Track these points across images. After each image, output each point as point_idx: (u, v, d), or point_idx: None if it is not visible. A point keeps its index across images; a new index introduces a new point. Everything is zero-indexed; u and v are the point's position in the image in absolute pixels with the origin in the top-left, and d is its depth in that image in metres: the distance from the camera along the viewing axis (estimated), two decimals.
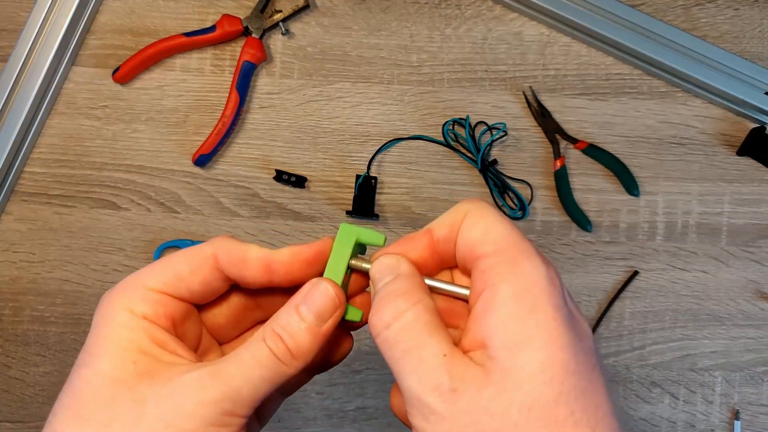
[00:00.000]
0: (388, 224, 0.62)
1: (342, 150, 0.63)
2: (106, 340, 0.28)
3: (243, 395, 0.27)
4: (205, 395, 0.26)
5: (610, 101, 0.63)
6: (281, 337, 0.28)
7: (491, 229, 0.27)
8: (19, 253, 0.62)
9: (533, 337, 0.24)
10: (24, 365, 0.61)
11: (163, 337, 0.28)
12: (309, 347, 0.28)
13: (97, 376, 0.27)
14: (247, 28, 0.62)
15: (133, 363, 0.27)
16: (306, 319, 0.28)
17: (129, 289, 0.29)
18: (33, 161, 0.63)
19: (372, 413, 0.61)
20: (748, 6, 0.64)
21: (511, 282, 0.26)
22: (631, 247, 0.62)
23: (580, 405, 0.24)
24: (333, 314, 0.29)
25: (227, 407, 0.26)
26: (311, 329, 0.28)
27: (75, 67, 0.63)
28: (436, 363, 0.25)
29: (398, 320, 0.27)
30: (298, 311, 0.29)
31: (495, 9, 0.64)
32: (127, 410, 0.26)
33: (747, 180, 0.62)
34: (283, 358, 0.28)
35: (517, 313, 0.25)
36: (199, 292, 0.30)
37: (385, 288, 0.28)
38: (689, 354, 0.61)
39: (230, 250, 0.30)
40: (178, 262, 0.30)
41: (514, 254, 0.26)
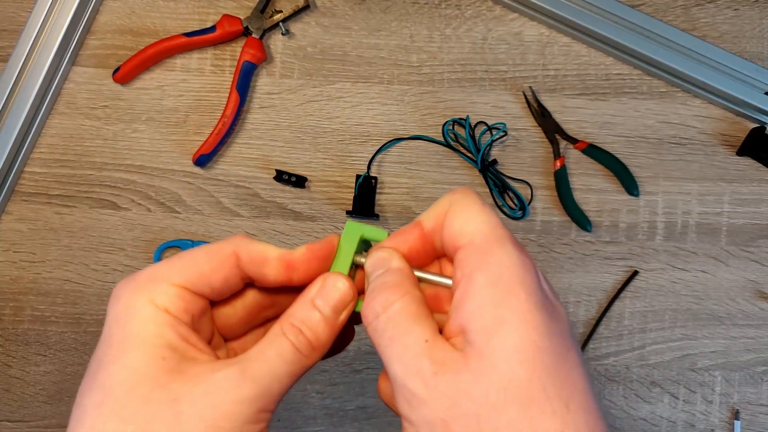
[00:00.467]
0: (388, 224, 0.62)
1: (342, 150, 0.63)
2: (134, 335, 0.28)
3: (273, 392, 0.28)
4: (240, 394, 0.27)
5: (610, 101, 0.63)
6: (301, 331, 0.29)
7: (469, 220, 0.29)
8: (20, 253, 0.62)
9: (507, 320, 0.26)
10: (24, 365, 0.61)
11: (186, 333, 0.29)
12: (327, 338, 0.30)
13: (129, 373, 0.27)
14: (247, 28, 0.62)
15: (162, 359, 0.27)
16: (324, 312, 0.30)
17: (151, 283, 0.29)
18: (33, 161, 0.63)
19: (372, 412, 0.61)
20: (748, 6, 0.64)
21: (484, 270, 0.27)
22: (630, 247, 0.62)
23: (552, 382, 0.25)
24: (347, 306, 0.30)
25: (261, 405, 0.27)
26: (328, 321, 0.30)
27: (75, 67, 0.63)
28: (419, 349, 0.26)
29: (386, 311, 0.28)
30: (314, 305, 0.30)
31: (495, 9, 0.64)
32: (164, 409, 0.26)
33: (747, 180, 0.62)
34: (305, 351, 0.29)
35: (491, 298, 0.26)
36: (219, 290, 0.31)
37: (376, 280, 0.29)
38: (689, 354, 0.61)
39: (251, 249, 0.31)
40: (201, 260, 0.30)
41: (488, 244, 0.28)
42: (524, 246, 0.29)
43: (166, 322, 0.28)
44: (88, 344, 0.62)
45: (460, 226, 0.29)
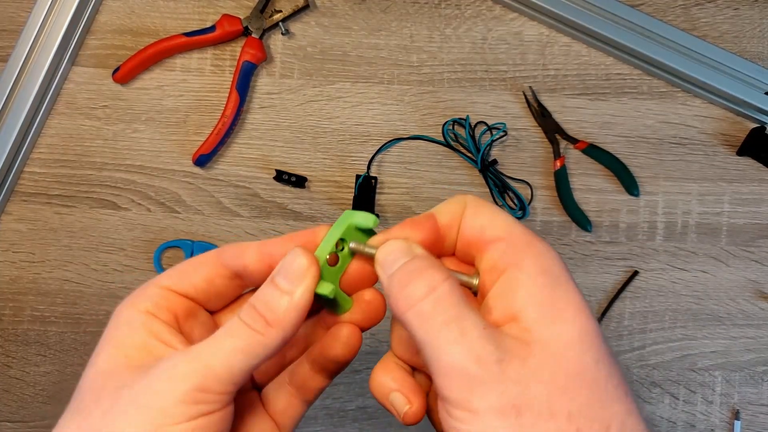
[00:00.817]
0: (388, 224, 0.62)
1: (342, 150, 0.63)
2: (105, 339, 0.29)
3: (216, 370, 0.26)
4: (174, 372, 0.26)
5: (610, 101, 0.63)
6: (254, 306, 0.28)
7: (497, 218, 0.29)
8: (20, 253, 0.62)
9: (564, 309, 0.26)
10: (24, 365, 0.61)
11: (160, 329, 0.29)
12: (284, 313, 0.28)
13: (94, 372, 0.28)
14: (247, 28, 0.62)
15: (125, 357, 0.28)
16: (279, 285, 0.28)
17: (140, 290, 0.30)
18: (33, 161, 0.63)
19: (373, 413, 0.61)
20: (748, 6, 0.64)
21: (533, 260, 0.27)
22: (630, 247, 0.62)
23: (614, 369, 0.26)
24: (305, 280, 0.28)
25: (198, 382, 0.26)
26: (283, 293, 0.28)
27: (75, 67, 0.63)
28: (479, 334, 0.25)
29: (434, 292, 0.26)
30: (272, 281, 0.28)
31: (495, 9, 0.64)
32: (107, 397, 0.27)
33: (747, 180, 0.62)
34: (257, 327, 0.27)
35: (545, 287, 0.26)
36: (203, 291, 0.31)
37: (406, 266, 0.27)
38: (689, 354, 0.61)
39: (231, 245, 0.31)
40: (186, 263, 0.31)
41: (527, 238, 0.28)
42: None
43: (139, 323, 0.29)
44: (88, 344, 0.62)
45: (488, 221, 0.29)
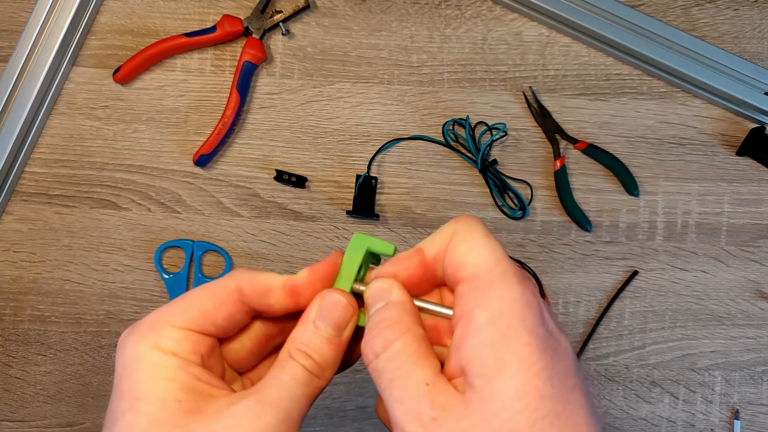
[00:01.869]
0: (388, 224, 0.62)
1: (342, 150, 0.63)
2: (143, 383, 0.27)
3: (293, 416, 0.28)
4: (261, 423, 0.27)
5: (610, 101, 0.63)
6: (308, 354, 0.29)
7: (472, 251, 0.28)
8: (20, 253, 0.62)
9: (507, 364, 0.25)
10: (25, 364, 0.61)
11: (198, 372, 0.28)
12: (334, 358, 0.30)
13: (146, 420, 0.27)
14: (247, 28, 0.63)
15: (178, 401, 0.27)
16: (325, 333, 0.29)
17: (154, 329, 0.29)
18: (34, 161, 0.63)
19: (372, 412, 0.61)
20: (747, 6, 0.64)
21: (485, 307, 0.26)
22: (630, 247, 0.62)
23: (556, 430, 0.24)
24: (348, 323, 0.30)
25: (282, 429, 0.27)
26: (332, 340, 0.30)
27: (76, 67, 0.63)
28: (419, 392, 0.26)
29: (386, 350, 0.27)
30: (316, 326, 0.30)
31: (495, 9, 0.64)
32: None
33: (747, 180, 0.63)
34: (316, 372, 0.29)
35: (491, 339, 0.25)
36: (224, 327, 0.30)
37: (376, 315, 0.29)
38: (689, 354, 0.61)
39: (253, 282, 0.30)
40: (201, 299, 0.30)
41: (490, 279, 0.27)
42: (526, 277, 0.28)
43: (175, 365, 0.28)
44: (89, 344, 0.62)
45: (461, 257, 0.28)
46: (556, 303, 0.61)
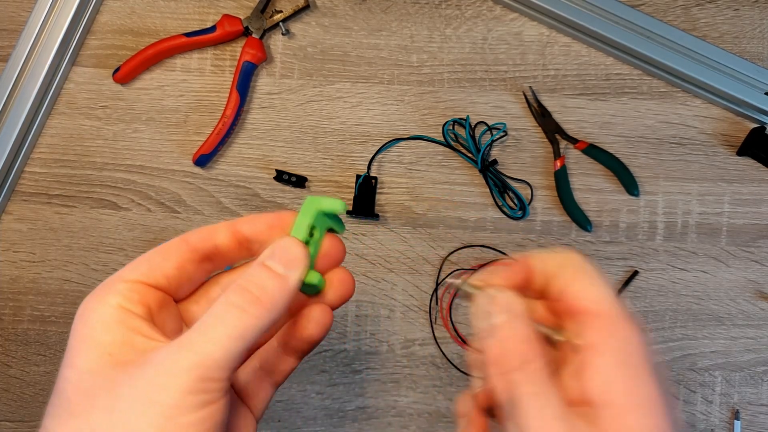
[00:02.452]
0: (388, 224, 0.62)
1: (342, 150, 0.63)
2: (82, 338, 0.28)
3: (216, 357, 0.26)
4: (176, 365, 0.26)
5: (610, 101, 0.63)
6: (246, 288, 0.28)
7: (593, 288, 0.30)
8: (20, 253, 0.62)
9: (640, 403, 0.27)
10: (24, 364, 0.61)
11: (138, 325, 0.28)
12: (277, 295, 0.28)
13: (77, 373, 0.28)
14: (247, 28, 0.62)
15: (109, 354, 0.27)
16: (273, 268, 0.29)
17: (106, 285, 0.30)
18: (33, 161, 0.63)
19: (372, 413, 0.61)
20: (748, 6, 0.64)
21: (616, 347, 0.28)
22: (631, 247, 0.62)
23: None
24: (299, 267, 0.29)
25: (201, 373, 0.26)
26: (277, 276, 0.28)
27: (75, 67, 0.63)
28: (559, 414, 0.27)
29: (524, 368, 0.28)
30: (264, 264, 0.29)
31: (495, 9, 0.64)
32: (105, 396, 0.27)
33: (747, 180, 0.62)
34: (251, 309, 0.27)
35: (623, 377, 0.27)
36: (176, 278, 0.31)
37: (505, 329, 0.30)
38: (689, 354, 0.61)
39: (196, 229, 0.31)
40: (152, 253, 0.30)
41: (617, 317, 0.29)
42: None
43: (115, 320, 0.28)
44: None
45: (583, 291, 0.30)
46: None
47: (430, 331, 0.61)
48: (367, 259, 0.62)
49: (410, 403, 0.61)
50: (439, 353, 0.61)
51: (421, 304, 0.62)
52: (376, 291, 0.62)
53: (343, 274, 0.33)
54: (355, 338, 0.62)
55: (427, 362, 0.61)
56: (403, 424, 0.61)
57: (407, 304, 0.62)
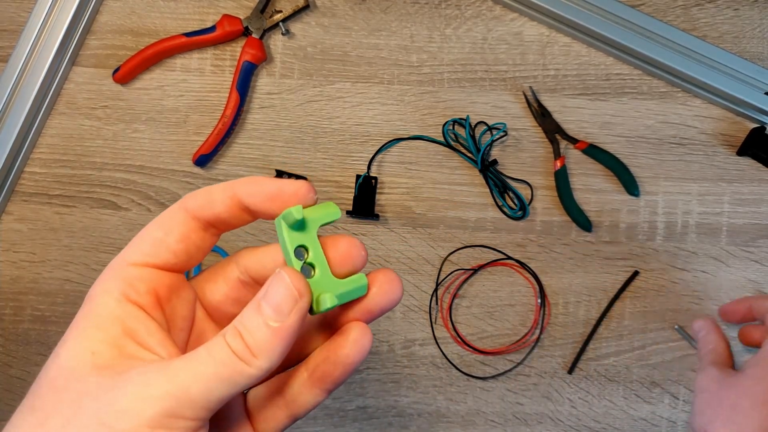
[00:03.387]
0: (388, 224, 0.62)
1: (342, 150, 0.63)
2: (74, 329, 0.27)
3: (191, 394, 0.24)
4: (146, 391, 0.24)
5: (610, 101, 0.63)
6: (240, 333, 0.25)
7: None
8: (20, 253, 0.62)
9: None
10: (25, 364, 0.61)
11: (136, 327, 0.26)
12: (270, 344, 0.25)
13: (56, 367, 0.26)
14: (247, 28, 0.62)
15: (92, 353, 0.25)
16: (264, 314, 0.25)
17: (110, 270, 0.28)
18: (33, 161, 0.63)
19: (372, 413, 0.61)
20: (747, 6, 0.64)
21: None
22: (631, 247, 0.62)
23: None
24: (293, 307, 0.26)
25: (169, 406, 0.24)
26: (269, 325, 0.25)
27: (75, 67, 0.63)
28: None
29: None
30: (259, 307, 0.26)
31: (495, 9, 0.64)
32: (70, 402, 0.24)
33: (747, 180, 0.62)
34: (242, 356, 0.25)
35: None
36: (183, 252, 0.28)
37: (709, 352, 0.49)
38: (689, 354, 0.61)
39: (196, 196, 0.29)
40: (151, 229, 0.28)
41: None
42: None
43: (114, 316, 0.26)
44: None
45: None
46: (556, 303, 0.61)
47: (430, 331, 0.61)
48: None
49: (410, 403, 0.61)
50: (439, 353, 0.61)
51: (421, 304, 0.62)
52: None
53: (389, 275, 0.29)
54: None
55: (427, 362, 0.61)
56: (403, 424, 0.61)
57: (407, 304, 0.62)
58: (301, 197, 0.28)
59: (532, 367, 0.61)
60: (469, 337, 0.61)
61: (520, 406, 0.61)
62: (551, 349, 0.61)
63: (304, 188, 0.28)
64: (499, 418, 0.61)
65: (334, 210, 0.28)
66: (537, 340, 0.61)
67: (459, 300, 0.61)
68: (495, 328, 0.61)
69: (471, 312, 0.62)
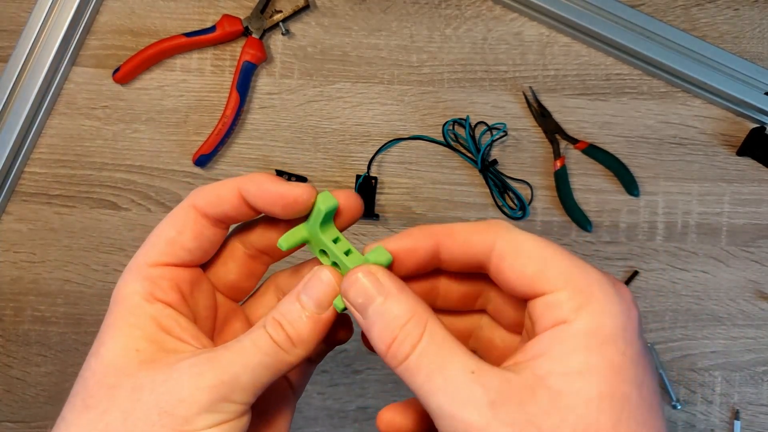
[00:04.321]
0: (388, 224, 0.62)
1: (342, 150, 0.63)
2: (112, 328, 0.28)
3: (241, 382, 0.26)
4: (201, 381, 0.26)
5: (610, 101, 0.63)
6: (281, 325, 0.28)
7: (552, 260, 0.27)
8: (20, 254, 0.62)
9: (596, 368, 0.24)
10: (25, 365, 0.61)
11: (170, 323, 0.28)
12: (309, 335, 0.28)
13: (102, 365, 0.28)
14: (247, 28, 0.62)
15: (136, 351, 0.27)
16: (306, 307, 0.28)
17: (132, 273, 0.29)
18: (33, 161, 0.63)
19: (373, 413, 0.61)
20: (747, 6, 0.64)
21: (585, 319, 0.25)
22: (631, 247, 0.62)
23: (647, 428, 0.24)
24: (331, 302, 0.29)
25: (223, 393, 0.26)
26: (311, 317, 0.28)
27: (75, 67, 0.63)
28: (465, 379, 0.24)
29: (416, 349, 0.25)
30: (299, 299, 0.29)
31: (495, 9, 0.64)
32: (125, 397, 0.26)
33: (747, 180, 0.63)
34: (284, 346, 0.28)
35: (584, 346, 0.24)
36: (198, 249, 0.30)
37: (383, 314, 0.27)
38: (689, 354, 0.61)
39: (205, 194, 0.30)
40: (164, 228, 0.30)
41: (589, 289, 0.26)
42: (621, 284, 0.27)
43: (146, 314, 0.28)
44: (89, 344, 0.61)
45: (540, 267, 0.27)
46: None
47: None
48: None
49: None
50: None
51: None
52: None
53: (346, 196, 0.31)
54: (356, 338, 0.61)
55: None
56: None
57: None
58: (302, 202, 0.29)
59: None
60: None
61: None
62: None
63: (305, 194, 0.29)
64: None
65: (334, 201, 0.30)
66: None
67: None
68: None
69: None
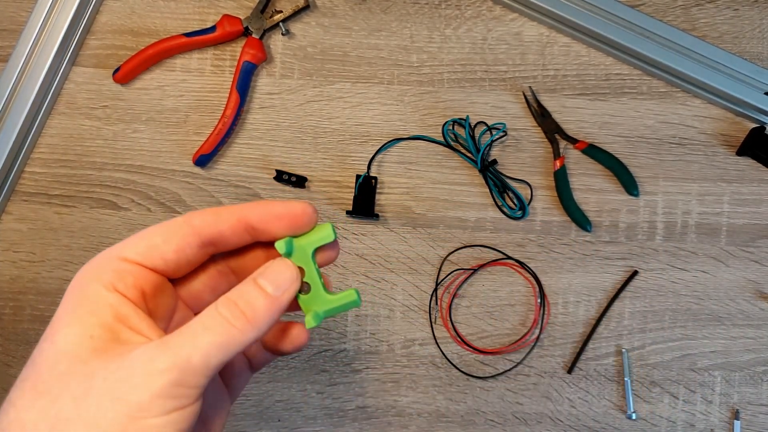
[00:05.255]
0: (388, 224, 0.62)
1: (342, 150, 0.63)
2: (68, 314, 0.28)
3: (193, 364, 0.26)
4: (152, 366, 0.26)
5: (609, 101, 0.63)
6: (236, 304, 0.28)
7: None
8: (20, 253, 0.62)
9: None
10: (24, 364, 0.61)
11: (127, 313, 0.28)
12: (264, 314, 0.28)
13: (54, 350, 0.27)
14: (247, 28, 0.63)
15: (90, 338, 0.27)
16: (264, 288, 0.29)
17: (101, 261, 0.29)
18: (33, 161, 0.63)
19: (372, 412, 0.61)
20: (747, 6, 0.64)
21: None
22: (630, 247, 0.62)
23: None
24: (290, 288, 0.30)
25: (176, 377, 0.26)
26: (268, 296, 0.29)
27: (75, 67, 0.63)
28: None
29: None
30: (256, 282, 0.29)
31: (495, 9, 0.64)
32: (77, 384, 0.26)
33: (747, 180, 0.63)
34: (238, 324, 0.28)
35: None
36: (174, 261, 0.30)
37: None
38: (689, 354, 0.61)
39: (203, 211, 0.31)
40: (153, 232, 0.30)
41: None
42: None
43: (105, 303, 0.28)
44: None
45: None
46: (556, 303, 0.61)
47: (429, 331, 0.61)
48: (366, 259, 0.62)
49: (410, 403, 0.61)
50: (439, 353, 0.61)
51: (421, 304, 0.62)
52: (375, 291, 0.62)
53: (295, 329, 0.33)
54: (355, 338, 0.62)
55: (426, 362, 0.61)
56: (402, 423, 0.61)
57: (407, 304, 0.62)
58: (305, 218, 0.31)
59: (532, 367, 0.61)
60: (469, 337, 0.61)
61: (519, 405, 0.61)
62: (551, 348, 0.61)
63: (308, 210, 0.31)
64: (499, 418, 0.61)
65: (328, 233, 0.31)
66: (536, 340, 0.61)
67: (459, 300, 0.62)
68: (494, 328, 0.61)
69: (471, 312, 0.62)
